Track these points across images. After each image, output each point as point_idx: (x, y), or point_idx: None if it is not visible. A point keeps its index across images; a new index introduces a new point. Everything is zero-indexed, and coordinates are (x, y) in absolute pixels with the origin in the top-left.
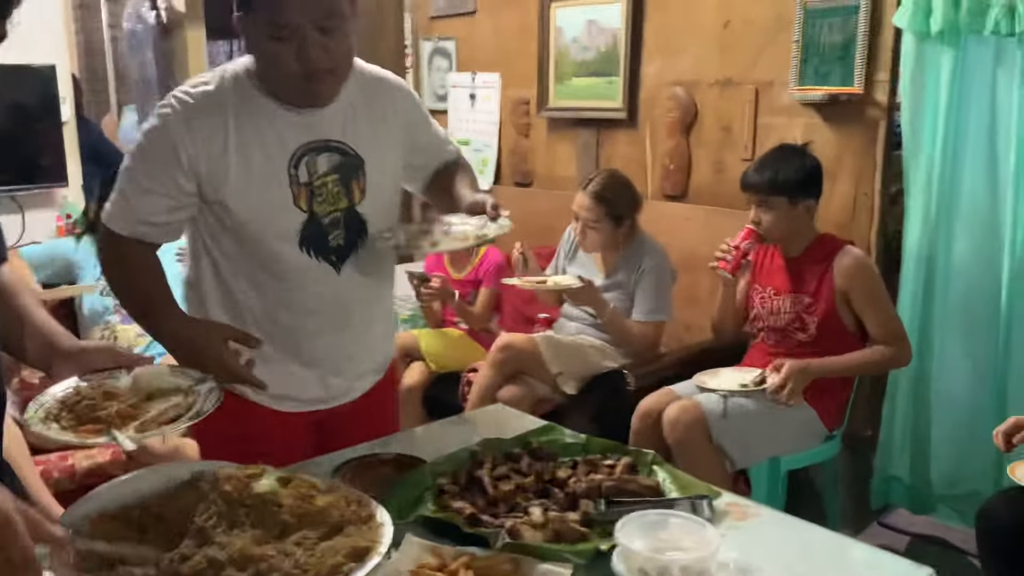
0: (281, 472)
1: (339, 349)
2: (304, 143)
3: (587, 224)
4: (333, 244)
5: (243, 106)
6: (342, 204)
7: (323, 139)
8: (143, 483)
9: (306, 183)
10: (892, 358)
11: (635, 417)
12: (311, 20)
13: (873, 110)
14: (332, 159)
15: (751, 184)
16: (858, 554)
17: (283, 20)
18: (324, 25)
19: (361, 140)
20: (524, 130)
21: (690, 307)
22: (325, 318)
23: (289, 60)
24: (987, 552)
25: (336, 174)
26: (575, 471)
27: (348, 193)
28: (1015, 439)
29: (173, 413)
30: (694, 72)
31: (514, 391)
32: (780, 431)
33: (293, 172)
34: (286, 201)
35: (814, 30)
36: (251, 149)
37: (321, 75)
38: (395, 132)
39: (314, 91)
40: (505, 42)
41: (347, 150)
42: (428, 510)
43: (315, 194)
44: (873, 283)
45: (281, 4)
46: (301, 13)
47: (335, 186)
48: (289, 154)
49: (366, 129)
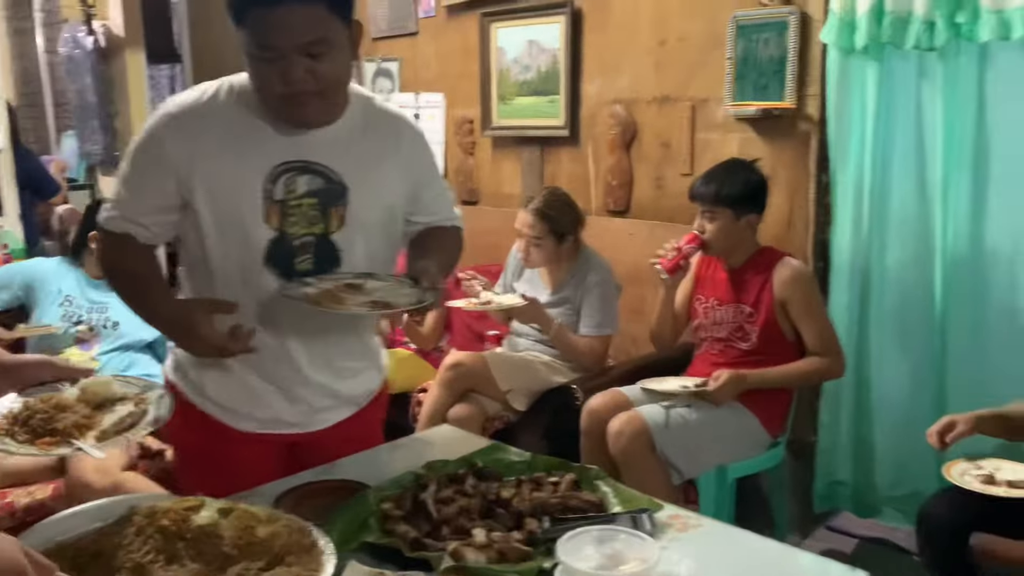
0: (222, 503)
1: (298, 371)
2: (285, 161)
3: (530, 241)
4: (300, 267)
5: (233, 118)
6: (316, 229)
7: (306, 160)
8: (79, 520)
9: (280, 200)
10: (826, 370)
11: (583, 418)
12: (296, 45)
13: (805, 124)
14: (313, 182)
15: (698, 195)
16: (796, 560)
17: (268, 42)
18: (311, 51)
19: (350, 169)
20: (469, 149)
21: (636, 320)
22: (286, 337)
23: (274, 81)
24: (927, 551)
25: (315, 198)
26: (519, 490)
27: (325, 219)
28: (948, 438)
29: (130, 421)
30: (632, 90)
31: (464, 409)
32: (724, 440)
33: (269, 187)
34: (255, 215)
35: (746, 47)
36: (229, 158)
37: (306, 97)
38: (394, 172)
39: (299, 113)
40: (447, 63)
41: (331, 175)
42: (372, 536)
43: (288, 214)
44: (810, 294)
45: (266, 26)
46: (286, 38)
47: (311, 209)
48: (268, 169)
49: (359, 159)
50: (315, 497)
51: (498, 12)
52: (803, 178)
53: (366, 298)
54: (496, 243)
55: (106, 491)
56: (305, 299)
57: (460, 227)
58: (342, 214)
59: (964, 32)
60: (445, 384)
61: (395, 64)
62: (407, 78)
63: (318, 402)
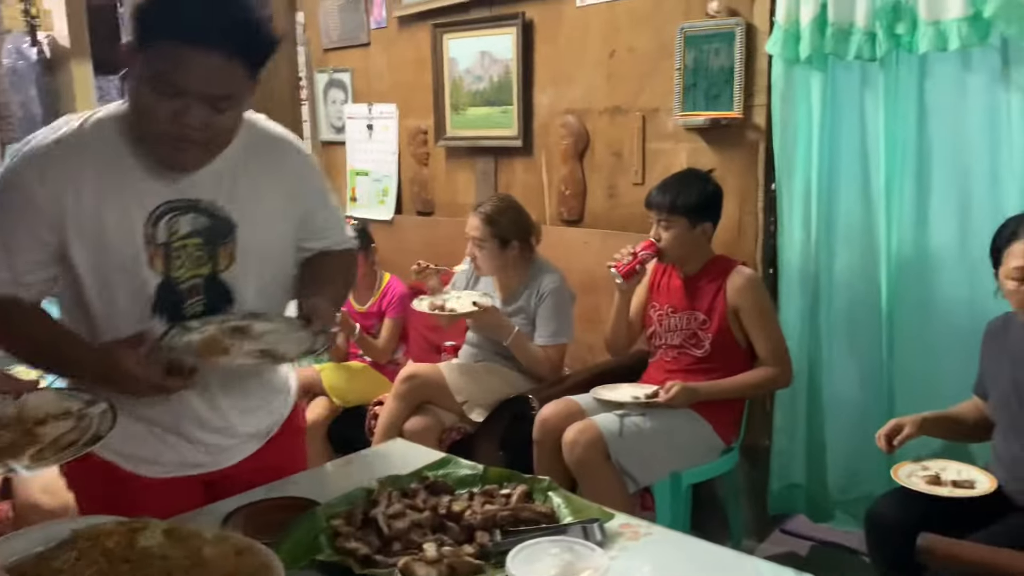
0: (166, 524)
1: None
2: (166, 201)
3: (475, 244)
4: (189, 312)
5: (105, 156)
6: (204, 270)
7: (190, 199)
8: (20, 543)
9: (163, 244)
10: (774, 379)
11: (535, 428)
12: (204, 93)
13: (753, 133)
14: (197, 221)
15: (654, 204)
16: (743, 565)
17: (175, 81)
18: (215, 103)
19: (237, 202)
20: (423, 159)
21: (592, 329)
22: None
23: (165, 117)
24: (876, 552)
25: (199, 237)
26: (471, 503)
27: (213, 259)
28: (896, 440)
29: (71, 438)
30: (584, 100)
31: (421, 422)
32: (678, 447)
33: (150, 231)
34: (138, 262)
35: (695, 58)
36: (104, 202)
37: (191, 145)
38: (281, 200)
39: (178, 159)
40: (400, 73)
41: (216, 212)
42: (322, 553)
43: (172, 257)
44: (762, 302)
45: (178, 64)
46: (196, 84)
47: (197, 250)
48: (148, 212)
49: (246, 191)
50: (264, 515)
51: (450, 23)
52: (752, 187)
53: (253, 345)
54: (451, 253)
55: (55, 512)
56: (187, 350)
57: (353, 248)
58: (231, 251)
59: (904, 43)
60: (401, 396)
61: (347, 75)
62: (360, 89)
63: (222, 442)
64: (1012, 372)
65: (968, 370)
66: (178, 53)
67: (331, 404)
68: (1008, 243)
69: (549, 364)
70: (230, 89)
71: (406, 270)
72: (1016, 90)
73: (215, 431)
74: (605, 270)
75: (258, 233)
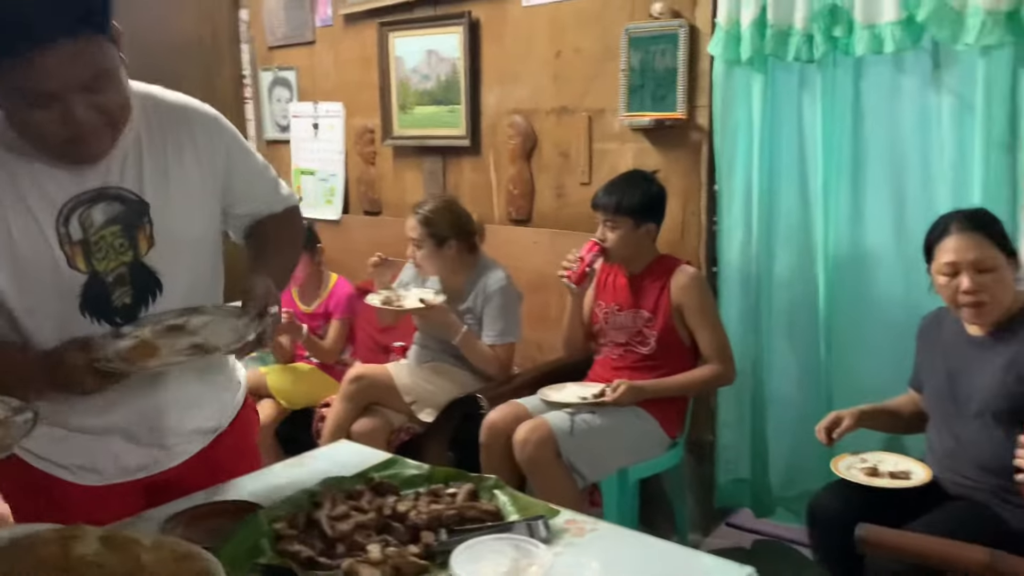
0: (103, 531)
1: (136, 417)
2: (73, 196)
3: (413, 244)
4: (118, 304)
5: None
6: (126, 257)
7: (96, 187)
8: None
9: (80, 240)
10: (717, 376)
11: (482, 431)
12: (75, 85)
13: (696, 134)
14: (111, 208)
15: (600, 205)
16: (684, 558)
17: (38, 89)
18: (91, 86)
19: (146, 180)
20: (370, 159)
21: (541, 327)
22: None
23: (53, 127)
24: (817, 542)
25: (117, 224)
26: (417, 503)
27: (133, 244)
28: (835, 433)
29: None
30: (531, 100)
31: (369, 423)
32: (625, 443)
33: (63, 230)
34: (58, 264)
35: (639, 59)
36: (9, 213)
37: (94, 133)
38: (196, 169)
39: (88, 152)
40: (346, 72)
41: (127, 195)
42: (264, 557)
43: (93, 251)
44: (705, 300)
45: (36, 74)
46: (62, 81)
47: (116, 238)
48: (56, 211)
49: (153, 167)
50: (205, 520)
51: (396, 22)
52: (695, 187)
53: (188, 340)
54: (398, 253)
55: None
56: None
57: (294, 206)
58: (149, 233)
59: (840, 46)
60: (348, 398)
61: (292, 73)
62: (305, 87)
63: (164, 441)
64: (945, 365)
65: (904, 365)
66: (23, 63)
67: (278, 406)
68: (939, 240)
69: (498, 363)
70: (96, 66)
71: (353, 270)
72: (947, 92)
73: (158, 431)
74: (554, 269)
75: (173, 210)
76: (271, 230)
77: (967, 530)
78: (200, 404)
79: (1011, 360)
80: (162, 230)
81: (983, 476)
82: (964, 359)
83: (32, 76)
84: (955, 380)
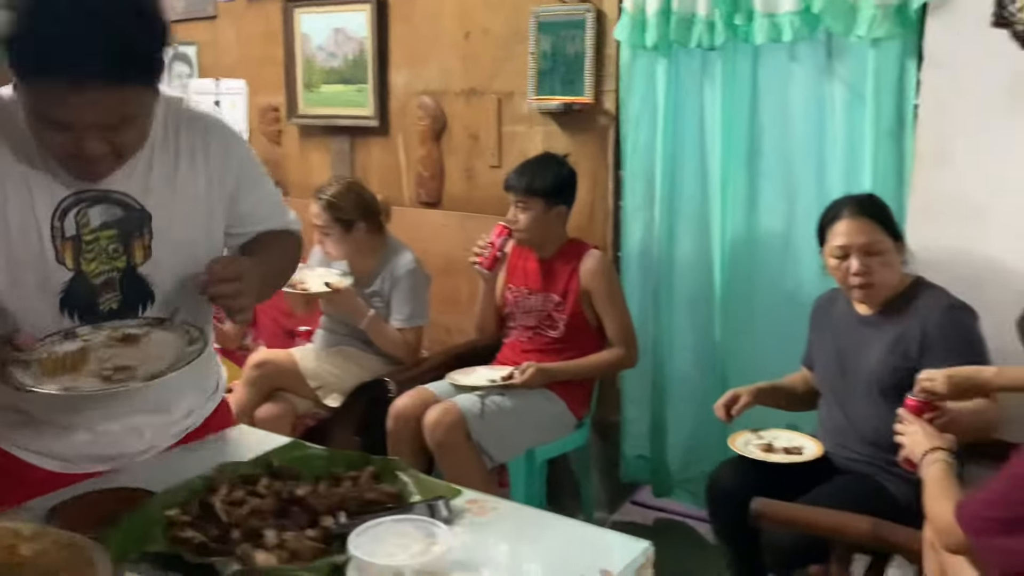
0: None
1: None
2: (74, 192)
3: (319, 231)
4: (104, 308)
5: (8, 143)
6: (119, 263)
7: (100, 189)
8: None
9: (72, 237)
10: (621, 360)
11: (389, 418)
12: (96, 124)
13: (604, 119)
14: (110, 212)
15: (512, 185)
16: (582, 534)
17: (61, 119)
18: (113, 126)
19: (152, 190)
20: (275, 138)
21: (451, 311)
22: None
23: (60, 147)
24: (716, 516)
25: (113, 229)
26: (316, 487)
27: (128, 252)
28: (734, 410)
29: None
30: (441, 82)
31: (273, 409)
32: (533, 424)
33: (58, 224)
34: (44, 257)
35: (547, 42)
36: (10, 197)
37: (101, 163)
38: (204, 183)
39: (90, 175)
40: (249, 48)
41: (130, 202)
42: (154, 545)
43: (83, 250)
44: (612, 285)
45: (60, 102)
46: (84, 119)
47: (110, 243)
48: (55, 204)
49: (161, 180)
50: (93, 508)
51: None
52: (602, 171)
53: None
54: (306, 236)
55: None
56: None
57: (296, 232)
58: (147, 244)
59: (741, 33)
60: (251, 383)
61: (192, 49)
62: (206, 63)
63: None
64: (836, 344)
65: (795, 345)
66: (55, 91)
67: None
68: (831, 224)
69: (406, 347)
70: (124, 112)
71: None
72: (839, 82)
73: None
74: (464, 252)
75: (175, 224)
76: (268, 239)
77: (854, 502)
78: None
79: (897, 338)
80: (160, 243)
81: (870, 450)
82: (853, 338)
83: (55, 104)
84: (845, 358)
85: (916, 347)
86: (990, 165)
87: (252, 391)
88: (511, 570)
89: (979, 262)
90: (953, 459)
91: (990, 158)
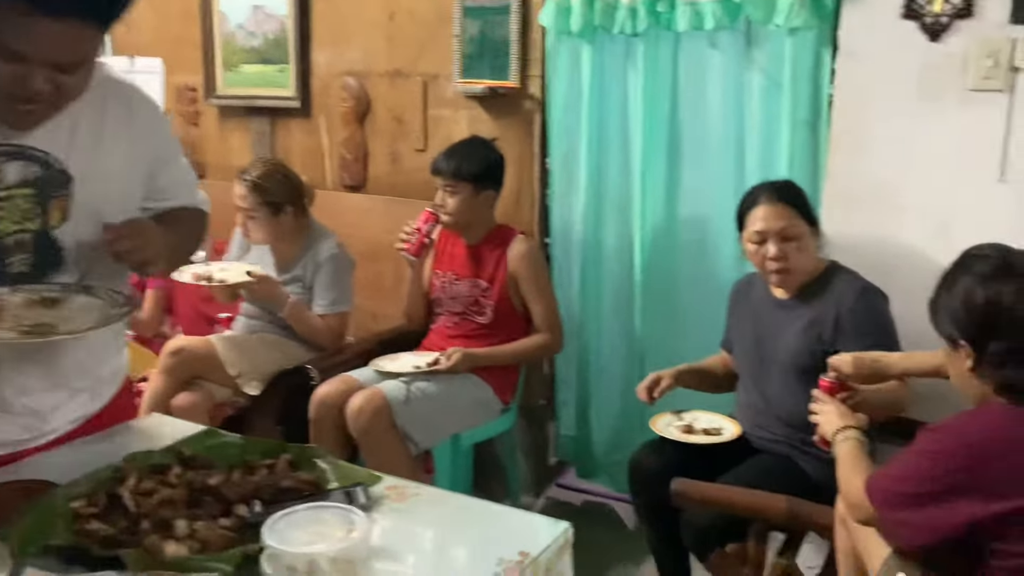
0: None
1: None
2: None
3: (245, 214)
4: (13, 271)
5: None
6: (33, 224)
7: (19, 144)
8: None
9: None
10: (547, 346)
11: (312, 406)
12: (52, 61)
13: (529, 103)
14: (28, 169)
15: (439, 169)
16: (502, 517)
17: (17, 50)
18: (65, 66)
19: (75, 154)
20: (193, 118)
21: (376, 296)
22: None
23: (7, 81)
24: (638, 497)
25: (31, 188)
26: (230, 476)
27: (44, 212)
28: (655, 392)
29: None
30: (364, 63)
31: (190, 398)
32: (460, 410)
33: None
34: None
35: (472, 26)
36: None
37: (38, 107)
38: (126, 154)
39: (21, 121)
40: (166, 25)
41: (50, 162)
42: (57, 538)
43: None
44: (539, 271)
45: (24, 34)
46: (42, 53)
47: (26, 202)
48: None
49: (86, 142)
50: None
51: None
52: (528, 157)
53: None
54: (225, 220)
55: None
56: None
57: (204, 213)
58: (64, 206)
59: (663, 20)
60: (167, 371)
61: None
62: (119, 41)
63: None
64: (753, 327)
65: (716, 330)
66: (24, 20)
67: None
68: (749, 209)
69: (330, 333)
70: (80, 54)
71: None
72: (757, 70)
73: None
74: (389, 237)
75: (96, 189)
76: (177, 213)
77: (771, 481)
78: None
79: (812, 320)
80: (79, 206)
81: (786, 430)
82: (770, 321)
83: (21, 36)
84: (762, 340)
85: (830, 330)
86: (902, 153)
87: (168, 379)
88: (430, 555)
89: (891, 247)
90: (864, 437)
91: (902, 146)
